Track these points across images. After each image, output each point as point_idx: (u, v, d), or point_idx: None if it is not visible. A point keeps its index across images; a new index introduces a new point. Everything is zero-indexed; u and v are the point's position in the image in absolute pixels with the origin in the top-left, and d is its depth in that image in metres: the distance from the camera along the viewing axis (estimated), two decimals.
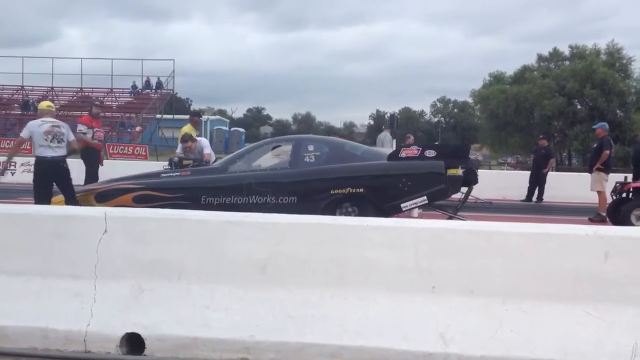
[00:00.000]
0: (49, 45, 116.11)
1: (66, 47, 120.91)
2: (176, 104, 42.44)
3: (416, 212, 9.62)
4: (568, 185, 15.16)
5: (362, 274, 3.84)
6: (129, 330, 3.76)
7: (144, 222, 4.13)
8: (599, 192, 11.61)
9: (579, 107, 39.59)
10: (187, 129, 10.85)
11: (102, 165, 11.47)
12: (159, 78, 41.67)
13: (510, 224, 4.10)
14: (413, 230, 3.98)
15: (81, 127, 11.10)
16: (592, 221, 10.81)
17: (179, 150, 10.50)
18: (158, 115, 40.03)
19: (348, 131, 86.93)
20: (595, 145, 11.89)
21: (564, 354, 3.49)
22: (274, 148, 9.39)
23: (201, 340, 3.72)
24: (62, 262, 4.03)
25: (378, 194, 8.24)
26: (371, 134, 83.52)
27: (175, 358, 3.71)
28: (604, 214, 11.34)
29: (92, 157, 11.17)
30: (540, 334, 3.58)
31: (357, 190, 8.25)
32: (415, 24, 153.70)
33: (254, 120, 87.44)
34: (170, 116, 40.91)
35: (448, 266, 3.79)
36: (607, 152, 11.69)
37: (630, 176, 11.86)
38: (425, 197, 8.23)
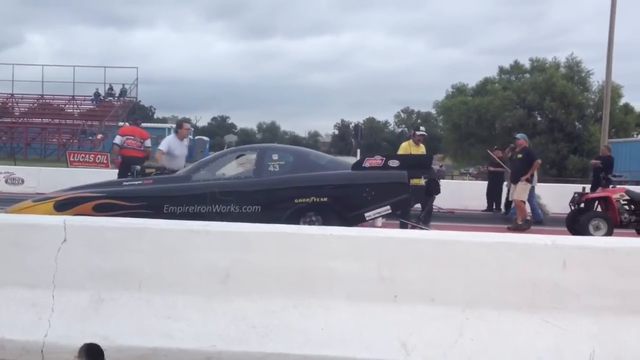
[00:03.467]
0: (11, 51, 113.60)
1: (30, 54, 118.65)
2: (139, 112, 41.93)
3: (380, 221, 9.67)
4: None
5: (326, 283, 3.84)
6: (88, 341, 3.69)
7: (104, 231, 4.06)
8: (520, 201, 11.79)
9: (539, 119, 40.43)
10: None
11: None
12: (123, 85, 41.22)
13: (472, 233, 4.15)
14: (376, 240, 3.99)
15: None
16: (510, 230, 10.99)
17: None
18: (120, 123, 39.43)
19: (313, 140, 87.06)
20: (519, 155, 12.04)
21: None
22: (238, 157, 9.35)
23: (162, 351, 3.67)
24: (20, 271, 3.94)
25: (342, 204, 8.26)
26: (336, 144, 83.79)
27: None
28: (521, 223, 11.60)
29: None
30: (500, 342, 3.62)
31: (321, 199, 8.25)
32: (380, 36, 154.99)
33: (219, 129, 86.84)
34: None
35: (410, 275, 3.80)
36: (539, 161, 12.07)
37: (588, 187, 12.13)
38: (388, 207, 8.27)
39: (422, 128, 11.53)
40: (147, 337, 3.71)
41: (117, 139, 11.65)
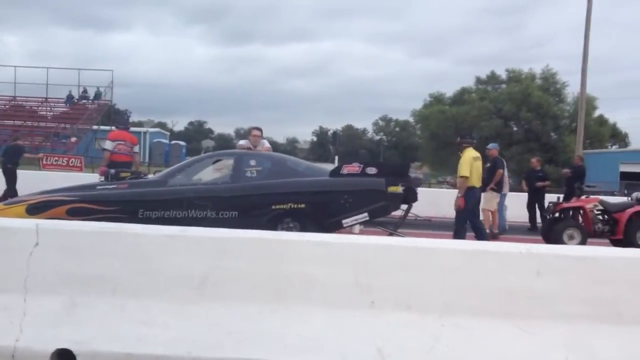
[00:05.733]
0: None
1: (2, 54, 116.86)
2: (114, 116, 41.55)
3: (357, 228, 9.68)
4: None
5: (302, 290, 3.83)
6: (60, 346, 3.63)
7: (78, 235, 4.01)
8: (489, 211, 11.99)
9: (515, 129, 40.89)
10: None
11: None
12: (97, 88, 40.78)
13: (448, 241, 4.20)
14: (353, 246, 4.00)
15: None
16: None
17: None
18: (95, 127, 39.06)
19: (291, 147, 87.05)
20: (488, 165, 12.21)
21: None
22: (215, 162, 9.30)
23: (136, 357, 3.62)
24: None
25: (319, 210, 8.25)
26: (314, 150, 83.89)
27: None
28: (496, 232, 11.92)
29: None
30: (476, 349, 3.64)
31: (299, 205, 8.24)
32: (359, 43, 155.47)
33: (196, 134, 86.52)
34: (108, 127, 40.12)
35: (387, 282, 3.81)
36: (501, 171, 12.21)
37: (562, 197, 12.28)
38: (366, 214, 8.29)
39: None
40: (121, 342, 3.66)
41: (108, 144, 10.99)
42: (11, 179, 14.60)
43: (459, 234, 9.42)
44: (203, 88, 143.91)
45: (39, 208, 8.02)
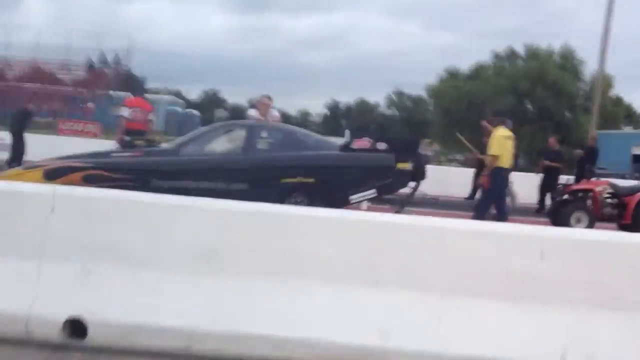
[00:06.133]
0: (6, 13, 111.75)
1: (25, 17, 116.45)
2: (131, 82, 41.53)
3: (365, 204, 9.74)
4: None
5: (309, 265, 3.87)
6: (73, 314, 3.69)
7: (94, 202, 4.04)
8: None
9: (529, 107, 40.42)
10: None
11: None
12: (116, 54, 40.77)
13: (454, 220, 4.20)
14: (359, 223, 4.04)
15: None
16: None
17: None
18: (111, 92, 39.14)
19: (303, 119, 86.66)
20: None
21: (497, 351, 3.60)
22: (227, 132, 9.35)
23: (145, 327, 3.68)
24: (6, 240, 3.91)
25: (328, 185, 8.29)
26: (326, 123, 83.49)
27: (118, 345, 3.67)
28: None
29: None
30: (476, 331, 3.67)
31: (308, 180, 8.28)
32: (374, 15, 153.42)
33: (210, 103, 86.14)
34: (124, 93, 40.14)
35: (391, 260, 3.84)
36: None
37: (572, 178, 12.23)
38: (374, 190, 8.32)
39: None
40: (131, 312, 3.72)
41: (125, 112, 10.88)
42: (19, 143, 14.65)
43: (478, 214, 9.11)
44: (218, 57, 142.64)
45: (55, 173, 8.11)
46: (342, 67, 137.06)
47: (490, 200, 9.37)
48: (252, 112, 10.14)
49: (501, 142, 9.15)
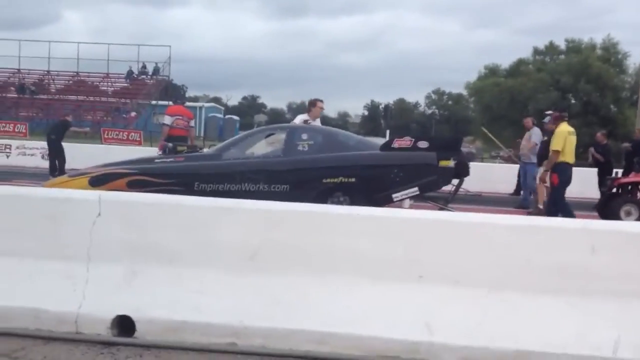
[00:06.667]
0: (48, 28, 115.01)
1: (65, 31, 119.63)
2: (172, 91, 42.32)
3: (407, 202, 9.67)
4: None
5: (351, 263, 3.88)
6: (120, 313, 3.80)
7: (138, 206, 4.16)
8: (542, 186, 11.45)
9: (573, 101, 39.74)
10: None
11: None
12: (156, 64, 41.56)
13: (498, 216, 4.16)
14: (402, 220, 4.04)
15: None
16: (530, 213, 10.62)
17: None
18: (153, 102, 39.89)
19: (342, 121, 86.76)
20: (545, 138, 11.70)
21: (546, 345, 3.55)
22: (267, 136, 9.41)
23: (191, 324, 3.76)
24: (56, 244, 4.06)
25: (370, 184, 8.26)
26: (365, 124, 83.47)
27: (165, 341, 3.74)
28: (542, 207, 11.12)
29: None
30: (524, 325, 3.63)
31: (349, 179, 8.28)
32: (413, 15, 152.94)
33: (249, 108, 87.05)
34: (166, 102, 40.88)
35: (435, 256, 3.83)
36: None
37: (620, 172, 11.96)
38: (416, 188, 8.27)
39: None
40: (177, 310, 3.81)
41: (167, 119, 11.09)
42: (56, 152, 14.97)
43: (563, 211, 8.90)
44: (257, 62, 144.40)
45: (100, 180, 8.29)
46: (380, 67, 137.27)
47: (560, 196, 9.19)
48: (303, 116, 10.16)
49: (565, 137, 9.04)
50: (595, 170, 13.72)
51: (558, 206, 9.11)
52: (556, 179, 9.03)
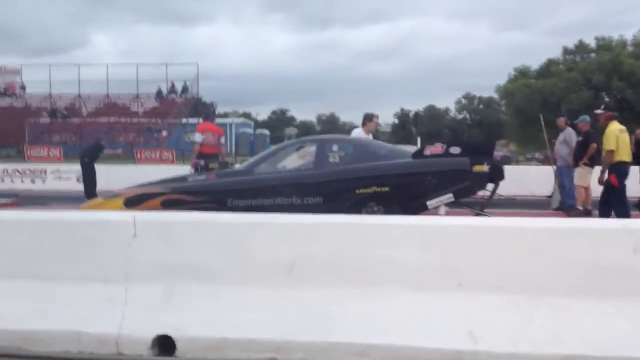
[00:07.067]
0: (78, 52, 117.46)
1: (95, 54, 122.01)
2: (202, 108, 42.82)
3: (443, 210, 9.57)
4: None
5: (389, 273, 3.85)
6: (160, 333, 3.82)
7: (173, 225, 4.19)
8: (580, 187, 11.22)
9: (606, 99, 39.07)
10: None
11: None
12: (185, 83, 42.08)
13: (537, 219, 4.09)
14: (439, 228, 4.00)
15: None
16: (570, 215, 10.44)
17: None
18: (184, 120, 40.39)
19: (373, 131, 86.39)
20: (580, 139, 11.50)
21: (595, 349, 3.47)
22: (298, 149, 9.43)
23: (231, 341, 3.76)
24: (94, 266, 4.09)
25: (404, 193, 8.21)
26: (396, 133, 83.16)
27: (206, 359, 3.75)
28: (581, 209, 11.02)
29: None
30: (570, 330, 3.55)
31: (383, 189, 8.23)
32: (440, 21, 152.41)
33: (279, 122, 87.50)
34: (196, 120, 41.34)
35: (475, 263, 3.78)
36: (595, 145, 11.23)
37: None
38: (451, 195, 8.19)
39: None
40: (216, 328, 3.81)
41: (198, 137, 11.18)
42: (88, 174, 15.19)
43: (622, 212, 8.75)
44: (284, 76, 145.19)
45: (135, 201, 8.39)
46: (409, 75, 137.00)
47: (622, 196, 9.00)
48: (358, 131, 10.18)
49: (617, 135, 8.93)
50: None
51: (619, 207, 8.89)
52: (614, 179, 8.85)
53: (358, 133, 10.13)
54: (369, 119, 10.31)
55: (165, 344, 3.82)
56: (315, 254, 3.94)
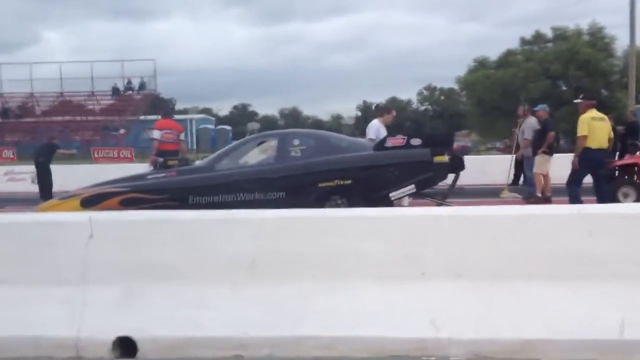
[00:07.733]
0: (29, 49, 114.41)
1: (47, 51, 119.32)
2: (160, 105, 42.24)
3: (406, 201, 9.64)
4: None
5: (353, 265, 3.85)
6: (121, 334, 3.75)
7: (129, 224, 4.13)
8: (538, 174, 11.46)
9: (564, 88, 39.80)
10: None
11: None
12: (141, 79, 41.38)
13: (495, 207, 4.16)
14: (400, 219, 4.03)
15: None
16: (529, 202, 10.72)
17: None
18: (142, 117, 39.74)
19: (336, 123, 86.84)
20: (537, 127, 11.75)
21: (553, 332, 3.53)
22: (259, 144, 9.37)
23: (194, 340, 3.72)
24: (49, 268, 3.99)
25: (366, 185, 8.23)
26: (359, 125, 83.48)
27: (168, 359, 3.70)
28: (540, 195, 11.26)
29: None
30: (529, 314, 3.61)
31: (345, 182, 8.24)
32: (399, 13, 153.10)
33: (240, 117, 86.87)
34: (154, 117, 40.77)
35: (436, 252, 3.80)
36: (552, 133, 11.60)
37: (617, 154, 11.91)
38: (413, 186, 8.24)
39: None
40: (178, 327, 3.76)
41: (156, 134, 11.04)
42: (44, 175, 14.80)
43: (571, 193, 9.13)
44: (245, 70, 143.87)
45: (92, 200, 8.21)
46: (371, 67, 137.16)
47: (575, 180, 9.28)
48: (375, 122, 10.20)
49: (589, 122, 9.11)
50: None
51: (569, 189, 9.21)
52: (576, 163, 9.09)
53: (375, 125, 10.10)
54: (387, 110, 10.48)
55: (126, 345, 3.75)
56: (279, 248, 3.92)
